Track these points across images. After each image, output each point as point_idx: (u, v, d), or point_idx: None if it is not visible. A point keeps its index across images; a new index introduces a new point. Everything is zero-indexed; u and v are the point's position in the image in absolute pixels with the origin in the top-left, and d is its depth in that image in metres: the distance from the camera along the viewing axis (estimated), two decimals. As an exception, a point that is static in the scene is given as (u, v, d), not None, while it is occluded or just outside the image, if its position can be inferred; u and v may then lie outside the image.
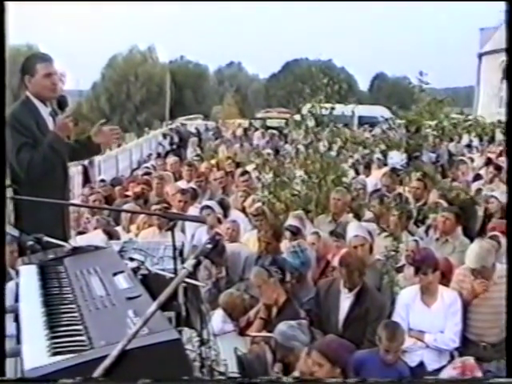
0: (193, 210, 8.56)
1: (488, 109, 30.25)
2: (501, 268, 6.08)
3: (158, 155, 17.07)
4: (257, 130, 23.76)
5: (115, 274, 3.09)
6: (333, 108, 9.46)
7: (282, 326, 5.13)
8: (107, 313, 2.67)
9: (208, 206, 8.21)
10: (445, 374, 5.11)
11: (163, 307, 2.39)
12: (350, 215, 8.24)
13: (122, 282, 2.99)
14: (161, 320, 2.44)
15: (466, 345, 5.93)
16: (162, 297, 2.27)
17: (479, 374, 4.94)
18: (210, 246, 2.63)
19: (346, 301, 5.92)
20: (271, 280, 5.78)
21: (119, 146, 18.50)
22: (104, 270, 3.16)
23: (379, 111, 19.16)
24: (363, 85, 64.11)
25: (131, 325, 2.39)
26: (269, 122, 26.36)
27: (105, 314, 2.67)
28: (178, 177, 11.35)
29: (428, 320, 5.82)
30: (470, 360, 5.04)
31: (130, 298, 2.75)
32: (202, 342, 4.28)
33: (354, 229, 6.92)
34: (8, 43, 3.51)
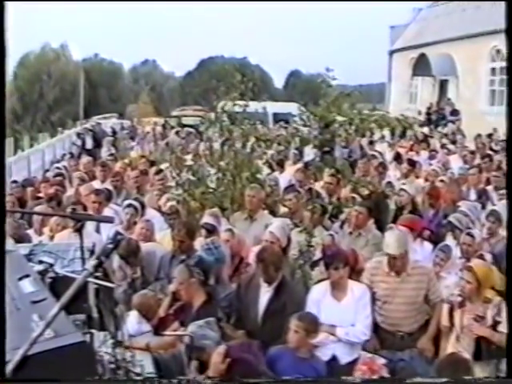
0: (107, 211, 8.44)
1: (399, 105, 31.02)
2: (413, 259, 6.27)
3: (72, 155, 16.75)
4: (172, 128, 23.60)
5: (21, 279, 3.02)
6: (246, 105, 9.50)
7: (191, 327, 5.14)
8: (12, 318, 2.62)
9: (130, 205, 8.14)
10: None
11: (74, 310, 2.36)
12: (266, 211, 8.30)
13: (27, 286, 2.93)
14: (66, 323, 2.41)
15: (384, 335, 6.07)
16: (64, 299, 2.24)
17: (381, 362, 5.06)
18: (111, 245, 2.61)
19: (265, 295, 5.97)
20: (192, 280, 5.78)
21: (31, 146, 18.08)
22: (9, 275, 3.09)
23: (293, 108, 19.33)
24: (278, 82, 64.67)
25: (36, 328, 2.35)
26: (184, 120, 26.22)
27: (9, 319, 2.61)
28: (92, 177, 11.16)
29: (339, 314, 5.91)
30: (380, 358, 5.16)
31: (34, 302, 2.70)
32: (117, 344, 4.24)
33: (273, 226, 6.97)
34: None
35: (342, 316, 5.90)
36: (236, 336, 5.57)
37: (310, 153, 11.36)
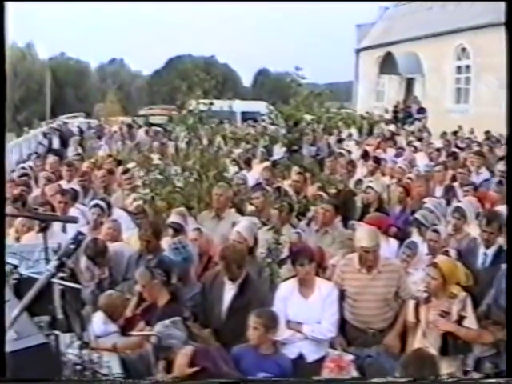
0: (73, 211, 8.37)
1: (367, 103, 31.22)
2: (384, 257, 6.31)
3: (38, 155, 16.56)
4: (140, 127, 23.46)
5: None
6: (211, 104, 9.49)
7: (158, 327, 5.13)
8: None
9: (96, 205, 8.10)
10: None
11: (39, 311, 2.34)
12: (233, 210, 8.30)
13: (-11, 287, 2.90)
14: (29, 325, 2.38)
15: (355, 333, 6.10)
16: (26, 300, 2.23)
17: (348, 358, 5.09)
18: (72, 246, 2.59)
19: (229, 292, 6.00)
20: (154, 282, 5.76)
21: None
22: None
23: (262, 106, 19.37)
24: (246, 81, 64.66)
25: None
26: (152, 119, 26.11)
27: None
28: (58, 177, 11.05)
29: (306, 311, 5.94)
30: (347, 355, 5.19)
31: (-3, 304, 2.67)
32: (83, 345, 4.21)
33: (240, 226, 6.97)
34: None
35: (308, 313, 5.92)
36: (203, 335, 5.57)
37: (277, 151, 11.39)
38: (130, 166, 10.78)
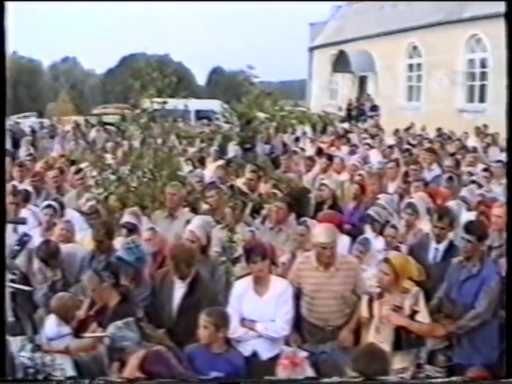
0: (25, 212, 8.25)
1: (320, 101, 31.39)
2: (341, 255, 6.35)
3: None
4: (93, 126, 23.23)
5: None
6: (165, 102, 9.44)
7: (110, 328, 5.09)
8: None
9: (49, 206, 8.00)
10: (282, 374, 5.23)
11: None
12: (187, 209, 8.28)
13: None
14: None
15: (313, 330, 6.13)
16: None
17: (302, 355, 5.12)
18: (17, 247, 2.56)
19: (179, 291, 6.00)
20: (104, 285, 5.72)
21: None
22: None
23: (216, 105, 19.36)
24: (201, 79, 64.43)
25: None
26: (105, 119, 25.87)
27: None
28: (10, 178, 10.87)
29: (260, 309, 5.94)
30: (301, 352, 5.22)
31: None
32: (36, 348, 4.17)
33: (194, 225, 6.95)
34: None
35: (263, 311, 5.93)
36: (156, 335, 5.55)
37: (231, 150, 11.40)
38: (82, 165, 10.67)
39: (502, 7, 17.95)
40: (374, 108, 25.77)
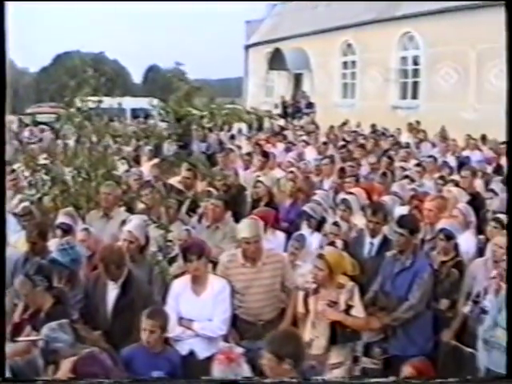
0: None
1: (257, 98, 31.49)
2: (267, 249, 6.38)
3: None
4: (27, 126, 22.78)
5: None
6: (100, 101, 9.32)
7: (44, 330, 5.00)
8: None
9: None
10: (216, 370, 5.23)
11: None
12: (122, 209, 8.20)
13: None
14: None
15: (245, 326, 6.15)
16: None
17: (239, 351, 5.13)
18: None
19: (112, 292, 5.93)
20: (37, 289, 5.61)
21: None
22: None
23: (151, 103, 19.18)
24: (137, 77, 63.81)
25: None
26: (39, 118, 25.40)
27: None
28: None
29: (197, 308, 5.92)
30: (237, 348, 5.22)
31: None
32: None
33: (131, 225, 6.89)
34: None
35: (200, 310, 5.91)
36: (91, 337, 5.47)
37: (167, 148, 11.31)
38: (15, 166, 10.45)
39: (433, 5, 18.39)
40: (310, 105, 25.96)
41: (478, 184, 10.00)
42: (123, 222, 7.24)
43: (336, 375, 5.81)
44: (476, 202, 8.51)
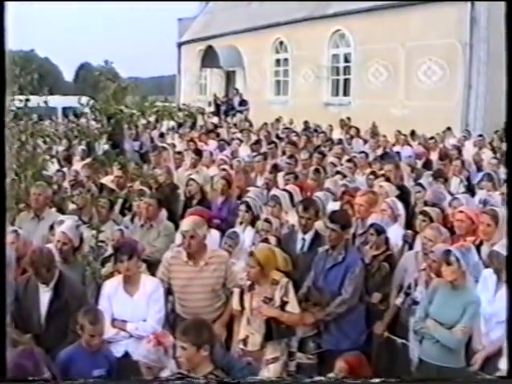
0: None
1: (190, 96, 31.37)
2: (211, 249, 6.37)
3: None
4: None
5: None
6: (28, 100, 9.10)
7: None
8: None
9: None
10: (142, 348, 5.21)
11: None
12: (53, 209, 8.05)
13: None
14: None
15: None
16: None
17: (170, 339, 5.12)
18: None
19: (45, 295, 5.81)
20: None
21: None
22: None
23: (83, 101, 18.89)
24: (68, 75, 62.86)
25: None
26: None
27: None
28: None
29: (130, 309, 5.87)
30: (171, 337, 5.19)
31: None
32: None
33: (65, 226, 6.77)
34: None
35: (134, 311, 5.86)
36: (23, 340, 5.39)
37: (99, 147, 11.14)
38: None
39: (363, 4, 18.55)
40: (243, 103, 25.99)
41: (406, 178, 10.23)
42: (55, 223, 7.11)
43: (271, 371, 5.84)
44: (403, 195, 8.69)
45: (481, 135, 15.39)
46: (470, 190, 9.55)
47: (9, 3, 3.65)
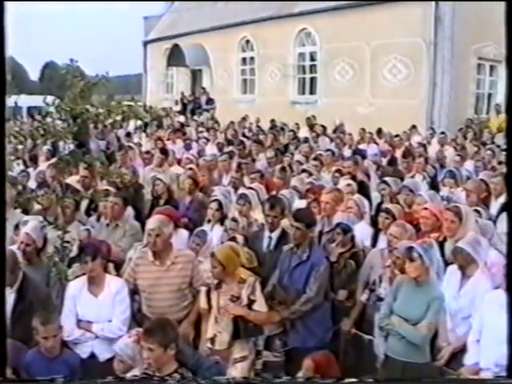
0: None
1: (156, 95, 31.24)
2: (177, 248, 6.38)
3: None
4: None
5: None
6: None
7: None
8: None
9: None
10: (121, 342, 5.20)
11: None
12: (18, 210, 7.97)
13: None
14: None
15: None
16: None
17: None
18: None
19: (9, 297, 5.75)
20: None
21: None
22: None
23: (49, 101, 18.71)
24: (34, 74, 62.18)
25: None
26: None
27: None
28: None
29: (95, 310, 5.86)
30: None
31: None
32: None
33: (28, 227, 6.71)
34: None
35: (99, 312, 5.85)
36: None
37: (64, 147, 11.04)
38: None
39: (330, 3, 18.57)
40: (210, 101, 25.91)
41: (372, 175, 10.33)
42: (19, 224, 7.05)
43: (239, 370, 5.86)
44: (361, 190, 8.78)
45: (443, 132, 15.56)
46: (434, 187, 9.65)
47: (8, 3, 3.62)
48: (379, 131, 16.80)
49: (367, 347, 6.30)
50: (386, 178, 9.08)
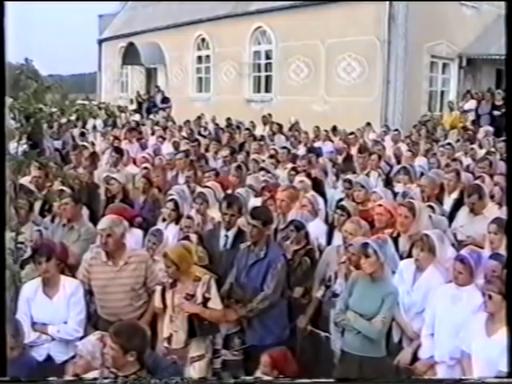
0: None
1: (111, 94, 30.98)
2: (131, 248, 6.35)
3: None
4: None
5: None
6: None
7: None
8: None
9: None
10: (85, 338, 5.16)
11: None
12: (-30, 212, 7.83)
13: None
14: None
15: (106, 326, 6.00)
16: None
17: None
18: None
19: None
20: None
21: None
22: None
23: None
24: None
25: None
26: None
27: None
28: None
29: (51, 312, 5.81)
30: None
31: None
32: None
33: None
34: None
35: (54, 313, 5.80)
36: None
37: (16, 147, 10.90)
38: None
39: (285, 1, 18.71)
40: (165, 100, 25.76)
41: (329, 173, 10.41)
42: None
43: (196, 369, 5.86)
44: (316, 187, 8.85)
45: (396, 130, 15.74)
46: (389, 184, 9.76)
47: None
48: (334, 129, 16.91)
49: (324, 343, 6.34)
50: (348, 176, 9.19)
